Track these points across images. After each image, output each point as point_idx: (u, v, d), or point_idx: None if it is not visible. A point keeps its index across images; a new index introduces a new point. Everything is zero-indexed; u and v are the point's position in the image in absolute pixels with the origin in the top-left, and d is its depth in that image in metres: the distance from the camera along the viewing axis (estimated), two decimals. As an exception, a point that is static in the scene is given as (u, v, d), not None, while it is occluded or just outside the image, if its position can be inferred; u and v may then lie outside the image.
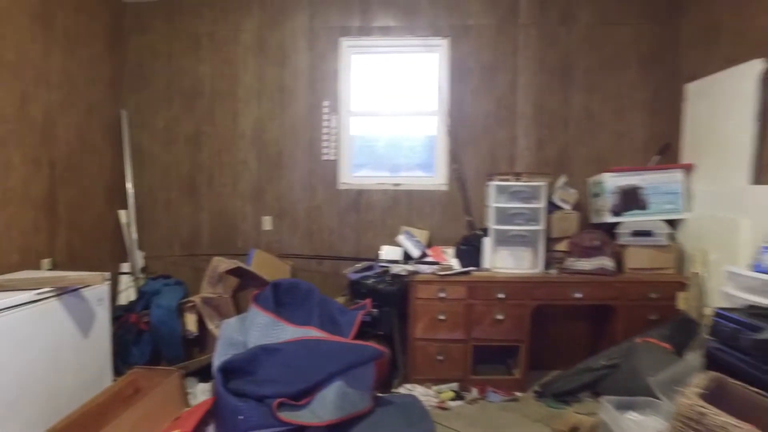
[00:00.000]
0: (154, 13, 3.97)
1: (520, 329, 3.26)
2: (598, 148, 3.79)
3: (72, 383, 2.57)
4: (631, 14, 3.71)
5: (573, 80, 3.78)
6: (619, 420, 2.23)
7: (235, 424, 2.40)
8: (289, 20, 3.90)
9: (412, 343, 3.26)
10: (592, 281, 3.27)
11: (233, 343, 2.83)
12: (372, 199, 3.90)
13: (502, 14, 3.78)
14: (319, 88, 3.90)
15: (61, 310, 2.50)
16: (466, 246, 3.49)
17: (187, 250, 3.97)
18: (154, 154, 3.99)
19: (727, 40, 3.11)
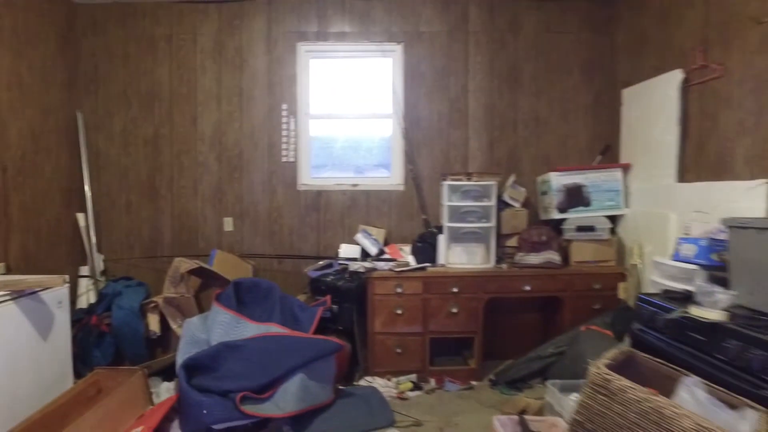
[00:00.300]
0: (107, 15, 3.96)
1: (474, 321, 3.44)
2: (545, 148, 4.03)
3: (31, 387, 2.57)
4: (573, 24, 3.97)
5: (521, 84, 4.00)
6: (562, 401, 2.43)
7: (200, 418, 2.47)
8: (247, 25, 3.96)
9: (372, 337, 3.39)
10: (540, 274, 3.49)
11: (196, 341, 2.89)
12: (331, 200, 4.01)
13: (453, 21, 3.97)
14: (278, 91, 3.98)
15: (19, 313, 2.50)
16: (421, 243, 3.66)
17: (148, 252, 3.98)
18: (112, 156, 3.98)
19: (653, 51, 3.39)
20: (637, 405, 1.29)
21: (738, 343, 1.56)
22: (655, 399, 1.28)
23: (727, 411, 1.33)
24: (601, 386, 1.36)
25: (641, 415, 1.28)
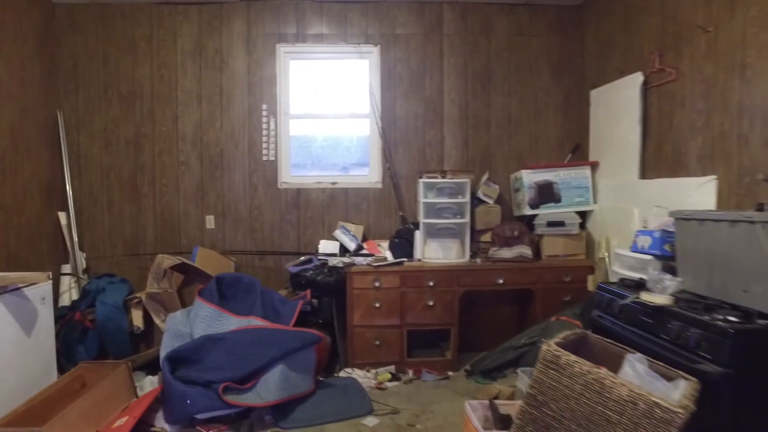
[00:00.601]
0: (86, 15, 3.99)
1: (450, 314, 3.58)
2: (517, 147, 4.19)
3: (15, 382, 2.61)
4: (543, 27, 4.13)
5: (494, 85, 4.15)
6: (529, 385, 2.57)
7: (184, 408, 2.56)
8: (227, 27, 4.04)
9: (351, 330, 3.51)
10: (513, 268, 3.64)
11: (179, 334, 2.97)
12: (311, 198, 4.11)
13: (428, 24, 4.10)
14: (258, 91, 4.07)
15: (2, 309, 2.55)
16: (398, 239, 3.78)
17: (131, 250, 4.03)
18: (94, 155, 4.02)
19: (618, 54, 3.56)
20: (582, 377, 1.44)
21: (679, 324, 1.72)
22: (597, 371, 1.42)
23: (663, 382, 1.48)
24: (552, 362, 1.50)
25: (585, 386, 1.42)
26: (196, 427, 2.65)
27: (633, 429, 1.32)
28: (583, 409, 1.43)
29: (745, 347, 1.51)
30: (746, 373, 1.50)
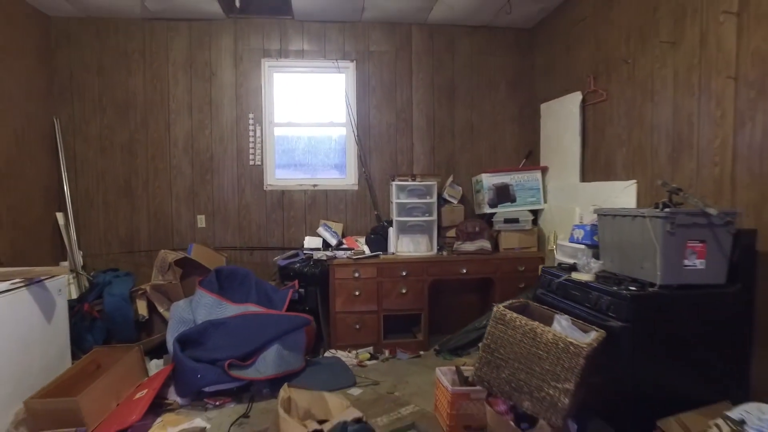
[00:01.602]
0: (81, 28, 4.29)
1: (421, 300, 4.08)
2: (478, 153, 4.73)
3: (38, 363, 2.95)
4: (500, 48, 4.68)
5: (457, 98, 4.68)
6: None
7: (195, 382, 2.96)
8: (216, 42, 4.41)
9: (334, 316, 3.96)
10: (475, 259, 4.16)
11: (183, 320, 3.35)
12: (294, 198, 4.54)
13: (398, 43, 4.59)
14: (244, 101, 4.46)
15: (29, 298, 2.89)
16: (374, 235, 4.26)
17: (126, 248, 4.35)
18: (89, 159, 4.32)
19: (562, 74, 4.15)
20: (521, 329, 1.95)
21: (596, 294, 2.26)
22: (531, 323, 1.94)
23: (579, 332, 2.00)
24: (500, 319, 2.00)
25: (523, 334, 1.93)
26: (204, 400, 3.04)
27: (556, 361, 1.84)
28: (522, 351, 1.94)
29: (638, 307, 2.06)
30: (638, 325, 2.05)
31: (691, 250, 2.10)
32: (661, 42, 2.89)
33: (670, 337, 2.09)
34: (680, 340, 2.10)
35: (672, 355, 2.09)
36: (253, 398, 3.12)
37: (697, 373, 2.11)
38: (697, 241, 2.10)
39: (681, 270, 2.11)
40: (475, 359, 2.24)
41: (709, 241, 2.10)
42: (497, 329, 2.03)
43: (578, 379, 1.78)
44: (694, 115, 2.67)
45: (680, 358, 2.10)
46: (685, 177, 2.73)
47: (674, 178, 2.80)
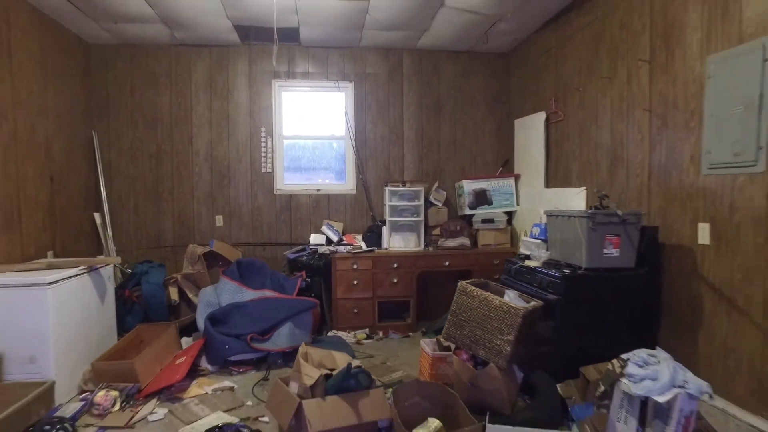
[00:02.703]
0: (116, 53, 4.94)
1: (410, 289, 4.75)
2: (461, 162, 5.42)
3: (96, 336, 3.61)
4: (480, 70, 5.38)
5: (443, 115, 5.37)
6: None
7: (223, 352, 3.62)
8: (232, 65, 5.08)
9: (335, 302, 4.62)
10: (456, 254, 4.84)
11: (210, 303, 4.01)
12: (300, 201, 5.21)
13: (391, 66, 5.28)
14: (257, 117, 5.13)
15: (90, 283, 3.54)
16: (370, 233, 4.94)
17: (153, 244, 5.01)
18: (122, 167, 4.97)
19: (531, 95, 4.85)
20: (477, 298, 2.64)
21: (540, 276, 2.96)
22: (484, 293, 2.63)
23: (523, 302, 2.70)
24: (463, 291, 2.69)
25: (479, 302, 2.62)
26: (230, 367, 3.71)
27: (501, 320, 2.52)
28: (478, 314, 2.62)
29: (568, 285, 2.75)
30: (569, 298, 2.74)
31: (608, 242, 2.80)
32: (601, 77, 3.60)
33: (593, 307, 2.79)
34: (601, 309, 2.80)
35: (594, 321, 2.79)
36: (270, 366, 3.78)
37: (614, 334, 2.80)
38: (613, 235, 2.80)
39: (601, 257, 2.80)
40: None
41: (622, 235, 2.80)
42: (460, 299, 2.72)
43: (517, 333, 2.46)
44: (624, 137, 3.37)
45: (601, 323, 2.80)
46: (619, 185, 3.43)
47: (612, 186, 3.50)
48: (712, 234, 2.63)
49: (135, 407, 3.05)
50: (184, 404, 3.16)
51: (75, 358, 3.29)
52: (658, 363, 2.27)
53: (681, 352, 2.75)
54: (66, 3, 3.88)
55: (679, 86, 2.84)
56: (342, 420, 2.38)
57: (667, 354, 2.34)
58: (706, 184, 2.66)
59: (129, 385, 3.19)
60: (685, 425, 2.19)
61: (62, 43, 4.39)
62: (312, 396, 2.45)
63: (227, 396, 3.30)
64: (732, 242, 2.50)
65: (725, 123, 2.50)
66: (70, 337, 3.23)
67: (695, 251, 2.74)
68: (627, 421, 2.33)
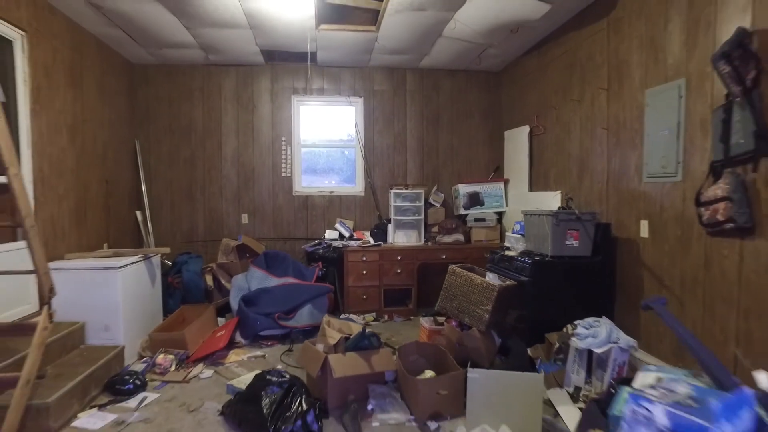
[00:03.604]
0: (156, 72, 5.68)
1: (411, 278, 5.46)
2: (457, 168, 6.13)
3: (149, 313, 4.32)
4: (474, 86, 6.10)
5: (441, 126, 6.09)
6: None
7: (255, 327, 4.34)
8: (257, 82, 5.81)
9: (347, 289, 5.34)
10: (452, 248, 5.55)
11: (241, 288, 4.73)
12: (315, 202, 5.93)
13: (396, 83, 6.00)
14: (278, 127, 5.85)
15: (144, 268, 4.27)
16: (377, 230, 5.65)
17: (186, 239, 5.73)
18: (160, 171, 5.70)
19: (518, 110, 5.57)
20: (462, 277, 3.36)
21: (516, 262, 3.67)
22: (469, 274, 3.34)
23: (500, 281, 3.41)
24: (452, 272, 3.41)
25: (465, 280, 3.34)
26: (259, 341, 4.42)
27: (482, 294, 3.23)
28: (463, 290, 3.34)
29: (537, 269, 3.47)
30: (537, 280, 3.45)
31: (570, 235, 3.51)
32: (572, 99, 4.31)
33: (556, 286, 3.50)
34: (563, 288, 3.51)
35: (557, 298, 3.50)
36: (293, 341, 4.49)
37: (574, 308, 3.50)
38: (573, 230, 3.51)
39: (564, 247, 3.52)
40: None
41: (580, 229, 3.51)
42: (450, 279, 3.44)
43: (494, 305, 3.17)
44: (589, 150, 4.08)
45: (563, 299, 3.51)
46: (586, 189, 4.14)
47: (580, 190, 4.21)
48: (650, 229, 3.34)
49: (187, 368, 3.78)
50: (226, 367, 3.88)
51: (136, 329, 4.01)
52: (599, 326, 2.98)
53: (629, 321, 3.47)
54: (125, 35, 4.61)
55: (627, 111, 3.55)
56: (357, 370, 3.10)
57: (608, 320, 3.06)
58: (646, 190, 3.37)
59: (180, 351, 3.91)
60: (618, 372, 2.90)
61: (114, 65, 5.13)
62: (335, 352, 3.16)
63: (260, 362, 4.02)
64: (662, 235, 3.21)
65: (657, 142, 3.21)
66: (132, 311, 3.96)
67: (638, 242, 3.45)
68: (578, 373, 3.05)
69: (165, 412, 3.13)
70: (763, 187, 2.44)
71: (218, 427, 2.94)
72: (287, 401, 2.79)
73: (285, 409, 2.76)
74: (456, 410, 2.93)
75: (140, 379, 3.41)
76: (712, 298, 2.81)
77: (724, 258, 2.72)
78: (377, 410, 3.02)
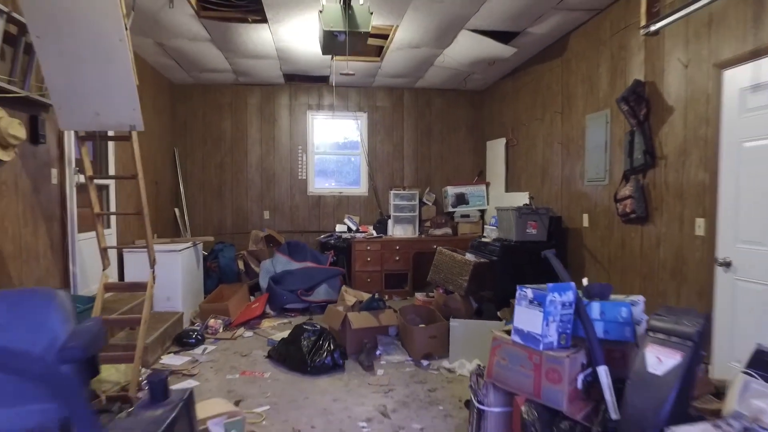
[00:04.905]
0: (192, 89, 6.71)
1: (407, 264, 6.51)
2: (446, 172, 7.21)
3: (195, 290, 5.36)
4: (462, 103, 7.18)
5: (433, 137, 7.16)
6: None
7: (281, 301, 5.39)
8: (278, 99, 6.86)
9: (354, 273, 6.38)
10: (441, 240, 6.60)
11: (269, 271, 5.77)
12: (326, 201, 6.98)
13: (394, 101, 7.07)
14: (295, 138, 6.90)
15: (193, 253, 5.30)
16: (378, 224, 6.72)
17: (217, 232, 6.76)
18: (195, 174, 6.74)
19: (497, 124, 6.66)
20: (447, 255, 4.42)
21: (490, 246, 4.75)
22: (451, 252, 4.40)
23: (476, 259, 4.49)
24: (440, 252, 4.48)
25: (449, 257, 4.40)
26: (285, 313, 5.47)
27: (461, 267, 4.29)
28: (447, 265, 4.40)
29: (504, 251, 4.53)
30: (504, 259, 4.51)
31: (530, 225, 4.59)
32: (536, 118, 5.41)
33: (519, 264, 4.57)
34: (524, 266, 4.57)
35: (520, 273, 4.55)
36: (312, 312, 5.54)
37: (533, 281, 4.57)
38: (533, 221, 4.59)
39: (525, 234, 4.59)
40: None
41: (538, 221, 4.59)
42: (438, 257, 4.52)
43: (471, 276, 4.24)
44: (550, 160, 5.17)
45: (524, 274, 4.57)
46: (547, 191, 5.23)
47: (543, 191, 5.29)
48: (589, 220, 4.42)
49: (231, 331, 4.82)
50: (263, 330, 4.93)
51: (189, 301, 5.05)
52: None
53: (573, 292, 4.55)
54: (173, 62, 5.65)
55: (574, 130, 4.64)
56: (369, 323, 4.16)
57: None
58: (586, 191, 4.46)
59: (225, 318, 4.95)
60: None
61: (161, 86, 6.17)
62: (352, 311, 4.22)
63: (288, 326, 5.05)
64: (596, 224, 4.30)
65: (593, 155, 4.30)
66: (187, 286, 5.00)
67: (581, 231, 4.54)
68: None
69: (224, 356, 4.18)
70: (652, 189, 3.54)
71: (267, 364, 3.99)
72: (320, 343, 3.85)
73: (318, 348, 3.82)
74: (442, 351, 3.99)
75: (200, 335, 4.46)
76: (625, 268, 3.91)
77: (631, 239, 3.81)
78: (384, 354, 4.09)
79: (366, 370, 3.85)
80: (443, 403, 3.28)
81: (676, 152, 3.34)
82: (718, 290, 3.03)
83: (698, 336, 1.71)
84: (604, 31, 4.16)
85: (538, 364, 2.09)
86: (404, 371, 3.83)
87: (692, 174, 3.21)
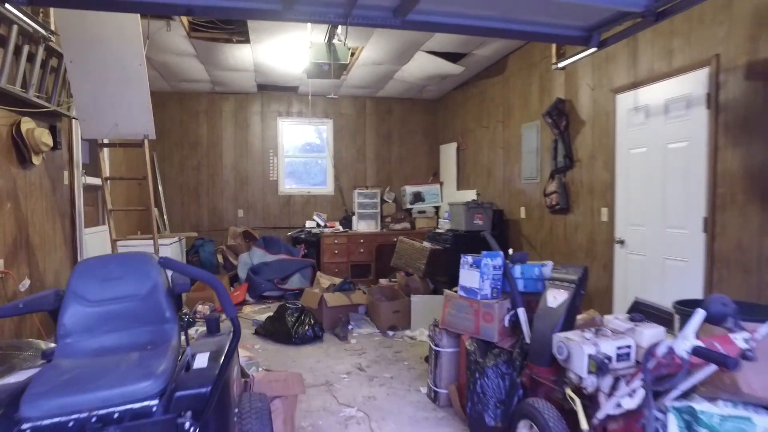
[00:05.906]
0: (170, 97, 7.20)
1: (370, 256, 7.25)
2: (405, 173, 8.00)
3: (180, 281, 5.89)
4: (418, 110, 7.99)
5: (393, 141, 7.94)
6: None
7: (260, 289, 6.01)
8: (250, 106, 7.45)
9: (323, 264, 7.05)
10: (401, 233, 7.35)
11: (246, 263, 6.37)
12: (296, 200, 7.62)
13: (358, 109, 7.80)
14: (267, 142, 7.51)
15: (178, 246, 5.84)
16: (344, 220, 7.43)
17: (194, 230, 7.27)
18: (173, 176, 7.23)
19: (449, 130, 7.51)
20: (408, 243, 5.19)
21: (442, 236, 5.55)
22: (411, 241, 5.16)
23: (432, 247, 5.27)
24: (401, 241, 5.24)
25: (409, 245, 5.17)
26: (263, 300, 6.09)
27: (419, 253, 5.07)
28: (408, 251, 5.17)
29: (454, 239, 5.35)
30: (454, 247, 5.33)
31: (476, 217, 5.42)
32: (482, 126, 6.27)
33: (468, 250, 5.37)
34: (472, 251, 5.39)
35: (470, 258, 5.39)
36: (287, 299, 6.18)
37: (480, 265, 5.41)
38: (479, 214, 5.42)
39: (473, 224, 5.42)
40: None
41: (483, 214, 5.43)
42: (400, 245, 5.29)
43: (427, 260, 5.02)
44: (495, 162, 6.03)
45: (474, 259, 5.41)
46: (492, 188, 6.09)
47: (488, 189, 6.16)
48: (525, 212, 5.30)
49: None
50: (245, 314, 5.55)
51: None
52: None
53: (513, 273, 5.42)
54: (156, 73, 6.16)
55: (513, 137, 5.52)
56: (342, 302, 4.87)
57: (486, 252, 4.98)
58: (523, 188, 5.34)
59: (210, 304, 5.53)
60: (501, 297, 4.81)
61: (142, 94, 6.64)
62: (326, 292, 4.92)
63: (267, 311, 5.70)
64: (532, 216, 5.18)
65: (527, 158, 5.18)
66: (176, 276, 5.54)
67: (520, 221, 5.41)
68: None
69: (215, 334, 4.78)
70: (571, 185, 4.44)
71: (255, 339, 4.64)
72: (302, 318, 4.53)
73: (301, 323, 4.50)
74: (404, 323, 4.76)
75: (192, 318, 5.03)
76: (553, 251, 4.79)
77: (558, 227, 4.70)
78: (355, 327, 4.81)
79: (341, 340, 4.57)
80: (407, 360, 4.05)
81: (587, 157, 4.25)
82: (616, 262, 3.94)
83: (579, 281, 2.52)
84: (535, 55, 5.04)
85: (477, 310, 2.87)
86: (374, 340, 4.57)
87: (599, 174, 4.12)
